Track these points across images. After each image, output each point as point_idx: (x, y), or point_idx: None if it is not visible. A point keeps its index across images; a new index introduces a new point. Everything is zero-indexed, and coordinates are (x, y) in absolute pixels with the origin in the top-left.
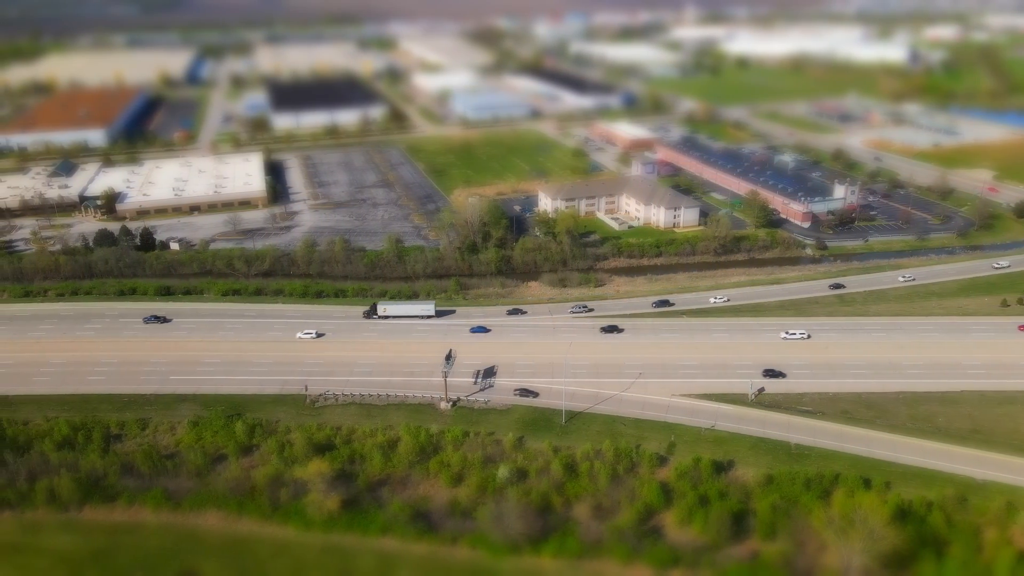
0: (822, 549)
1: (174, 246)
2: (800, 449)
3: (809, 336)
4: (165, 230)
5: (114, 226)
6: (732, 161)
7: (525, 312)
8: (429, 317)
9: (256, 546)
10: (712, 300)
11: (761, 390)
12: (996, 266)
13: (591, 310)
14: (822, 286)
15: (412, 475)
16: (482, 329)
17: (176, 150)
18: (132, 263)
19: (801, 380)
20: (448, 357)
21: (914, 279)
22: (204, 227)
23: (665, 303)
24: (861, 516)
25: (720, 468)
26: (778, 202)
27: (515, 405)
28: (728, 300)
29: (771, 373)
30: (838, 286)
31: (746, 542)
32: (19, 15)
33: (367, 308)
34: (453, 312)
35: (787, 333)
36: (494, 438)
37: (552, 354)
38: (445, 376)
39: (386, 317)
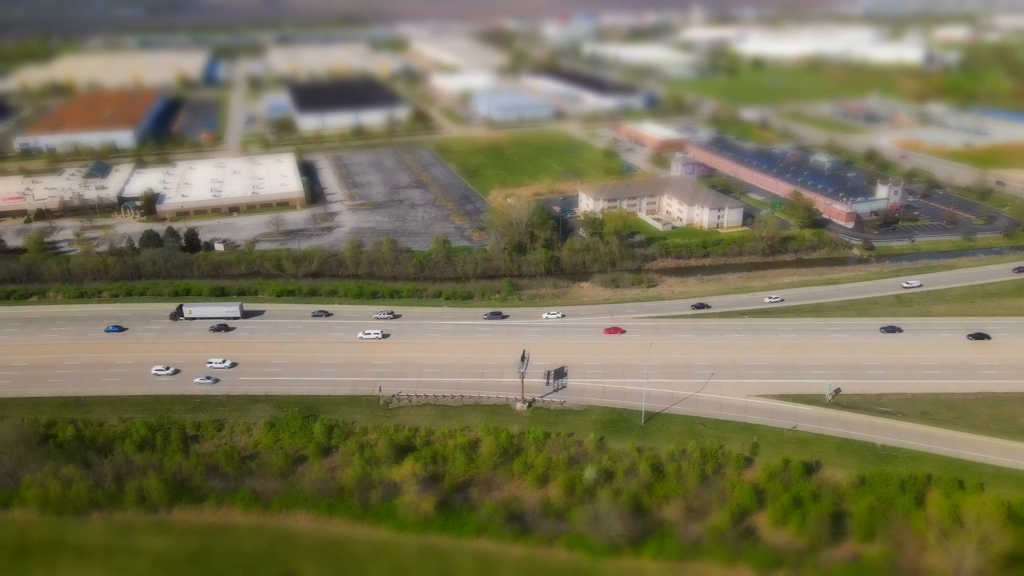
0: (923, 550)
1: (219, 247)
2: (887, 450)
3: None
4: (206, 231)
5: (155, 227)
6: (766, 161)
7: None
8: (236, 319)
9: (351, 547)
10: (766, 300)
11: (838, 391)
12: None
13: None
14: (881, 286)
15: (496, 476)
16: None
17: (205, 151)
18: (180, 264)
19: (877, 380)
20: (523, 358)
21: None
22: (245, 228)
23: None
24: (973, 517)
25: (809, 469)
26: (819, 202)
27: (592, 406)
28: (782, 300)
29: None
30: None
31: (844, 544)
32: (24, 16)
33: (173, 311)
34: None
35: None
36: (575, 439)
37: (619, 355)
38: (522, 377)
39: (192, 319)
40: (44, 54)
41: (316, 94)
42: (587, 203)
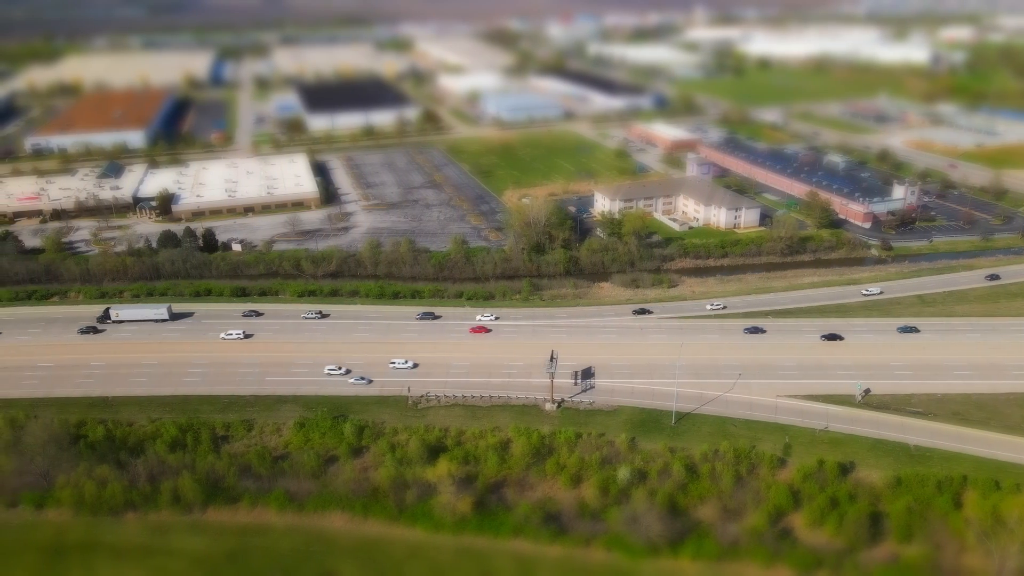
0: (962, 551)
1: (236, 247)
2: (920, 451)
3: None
4: (223, 231)
5: (172, 227)
6: (780, 162)
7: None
8: (164, 321)
9: (388, 548)
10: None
11: (867, 391)
12: None
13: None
14: (902, 287)
15: (529, 476)
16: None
17: (216, 151)
18: (198, 264)
19: (906, 381)
20: (552, 358)
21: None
22: (261, 228)
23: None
24: (1015, 517)
25: (843, 470)
26: (835, 203)
27: (622, 406)
28: (802, 302)
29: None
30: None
31: (881, 545)
32: (25, 17)
33: (100, 314)
34: (190, 315)
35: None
36: (606, 439)
37: (649, 355)
38: (552, 377)
39: (120, 322)
40: (49, 54)
41: (325, 94)
42: (603, 203)
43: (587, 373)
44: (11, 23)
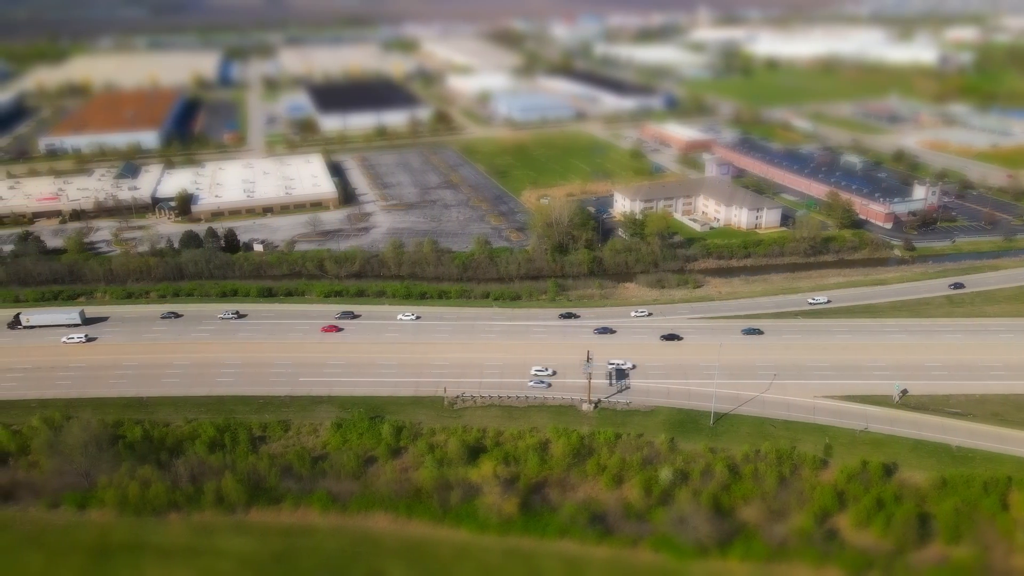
0: (1011, 552)
1: (257, 247)
2: (962, 451)
3: None
4: (243, 231)
5: (188, 227)
6: (797, 162)
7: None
8: (76, 326)
9: (434, 549)
10: (809, 302)
11: (904, 391)
12: None
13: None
14: (930, 287)
15: (570, 477)
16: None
17: (230, 152)
18: (222, 265)
19: (943, 381)
20: (588, 358)
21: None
22: (281, 228)
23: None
24: None
25: (886, 471)
26: (855, 203)
27: (659, 407)
28: (829, 302)
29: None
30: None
31: (929, 546)
32: (28, 17)
33: (11, 319)
34: (106, 319)
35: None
36: (645, 440)
37: (680, 356)
38: (589, 377)
39: (32, 327)
40: (55, 55)
41: (335, 95)
42: (623, 204)
43: (621, 374)
44: (14, 23)
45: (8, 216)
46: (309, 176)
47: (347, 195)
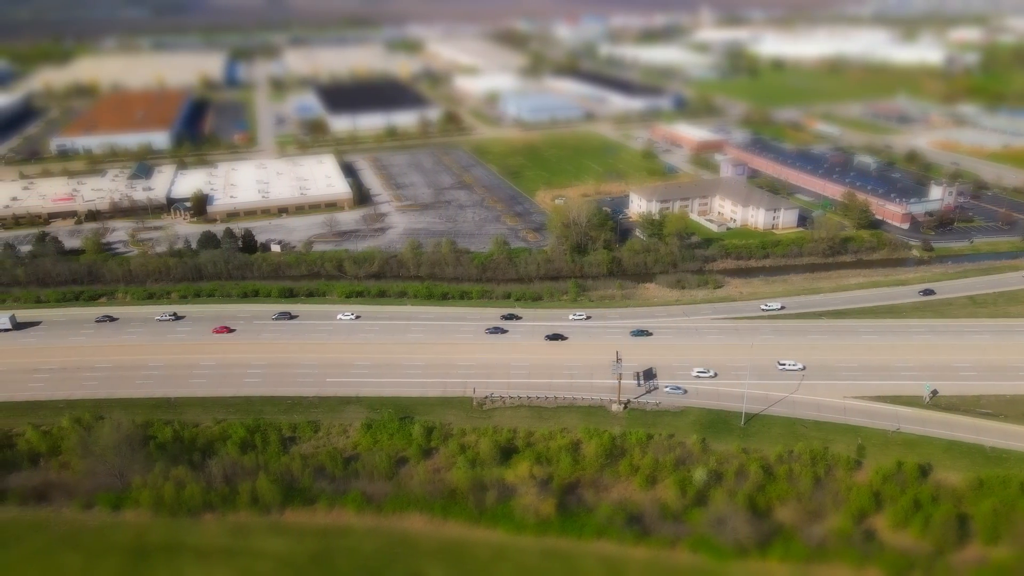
0: None
1: (275, 248)
2: (996, 452)
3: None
4: (259, 232)
5: (203, 228)
6: (810, 163)
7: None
8: (6, 331)
9: (472, 549)
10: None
11: (935, 392)
12: None
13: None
14: (951, 287)
15: (603, 477)
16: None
17: (240, 152)
18: (240, 265)
19: (972, 382)
20: (617, 359)
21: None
22: (297, 229)
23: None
24: None
25: (921, 471)
26: (871, 203)
27: (688, 407)
28: (854, 303)
29: None
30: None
31: (968, 547)
32: (30, 18)
33: None
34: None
35: None
36: (677, 440)
37: (708, 356)
38: (619, 378)
39: None
40: (59, 56)
41: (344, 95)
42: (639, 204)
43: (648, 374)
44: (16, 24)
45: (24, 216)
46: (323, 177)
47: (361, 196)
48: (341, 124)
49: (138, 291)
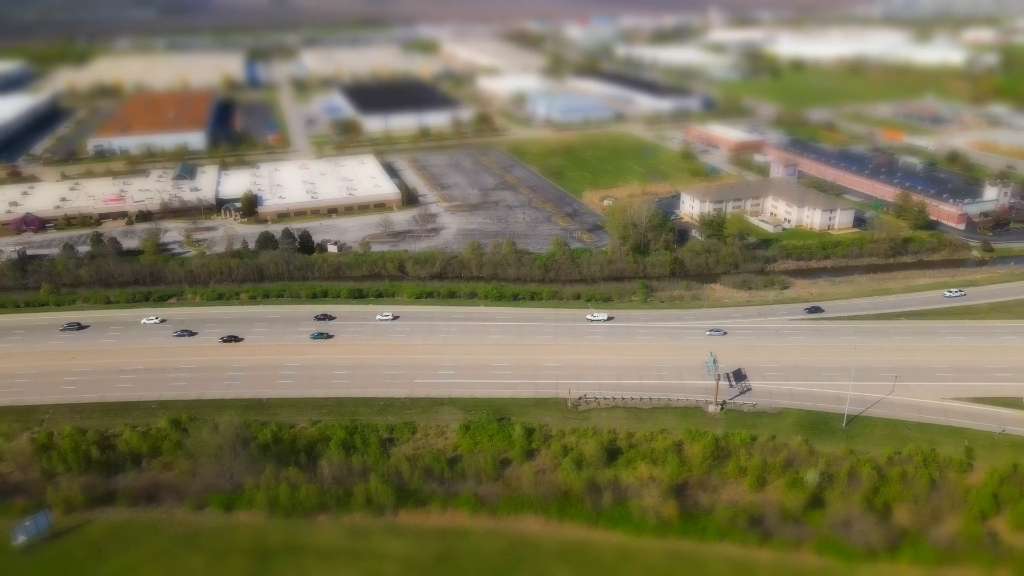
0: None
1: (331, 248)
2: None
3: None
4: (313, 233)
5: (254, 228)
6: (855, 163)
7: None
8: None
9: (594, 551)
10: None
11: None
12: None
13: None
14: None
15: (710, 479)
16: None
17: (276, 153)
18: (301, 266)
19: None
20: (713, 360)
21: None
22: (350, 229)
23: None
24: None
25: None
26: (925, 204)
27: (785, 408)
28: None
29: None
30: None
31: None
32: (37, 18)
33: None
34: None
35: None
36: (780, 442)
37: (794, 356)
38: (717, 380)
39: None
40: (75, 56)
41: (372, 96)
42: (691, 205)
43: (738, 375)
44: (24, 25)
45: (75, 217)
46: (367, 177)
47: (409, 196)
48: (373, 125)
49: (207, 292)
